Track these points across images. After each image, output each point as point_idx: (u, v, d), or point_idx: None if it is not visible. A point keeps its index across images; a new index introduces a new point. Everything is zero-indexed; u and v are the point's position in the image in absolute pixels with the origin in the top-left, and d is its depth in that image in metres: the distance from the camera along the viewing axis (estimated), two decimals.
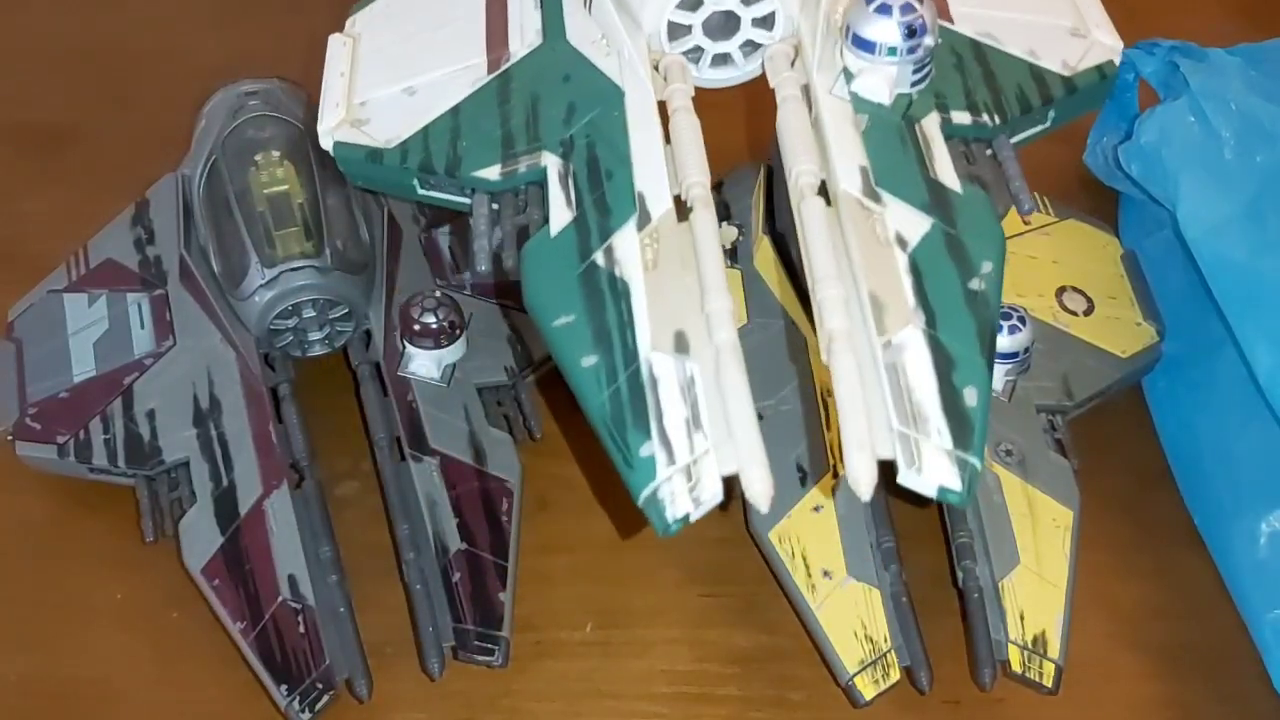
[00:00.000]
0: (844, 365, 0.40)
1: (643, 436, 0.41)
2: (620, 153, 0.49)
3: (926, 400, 0.40)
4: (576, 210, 0.48)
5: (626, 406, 0.42)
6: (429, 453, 0.60)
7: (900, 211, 0.46)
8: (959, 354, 0.42)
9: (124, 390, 0.63)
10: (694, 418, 0.41)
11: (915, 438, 0.40)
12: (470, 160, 0.52)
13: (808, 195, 0.46)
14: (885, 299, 0.43)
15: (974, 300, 0.43)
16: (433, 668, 0.54)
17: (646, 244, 0.46)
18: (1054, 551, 0.56)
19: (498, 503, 0.59)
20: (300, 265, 0.61)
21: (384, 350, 0.63)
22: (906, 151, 0.49)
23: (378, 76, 0.56)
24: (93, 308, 0.66)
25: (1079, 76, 0.54)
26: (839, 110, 0.49)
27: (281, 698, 0.53)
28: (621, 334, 0.43)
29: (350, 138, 0.53)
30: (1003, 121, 0.52)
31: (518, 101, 0.53)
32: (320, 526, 0.57)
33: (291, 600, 0.55)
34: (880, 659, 0.53)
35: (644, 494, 0.40)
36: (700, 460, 0.40)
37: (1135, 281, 0.67)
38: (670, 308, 0.43)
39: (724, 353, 0.41)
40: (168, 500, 0.60)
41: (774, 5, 0.52)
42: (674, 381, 0.42)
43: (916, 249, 0.45)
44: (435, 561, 0.56)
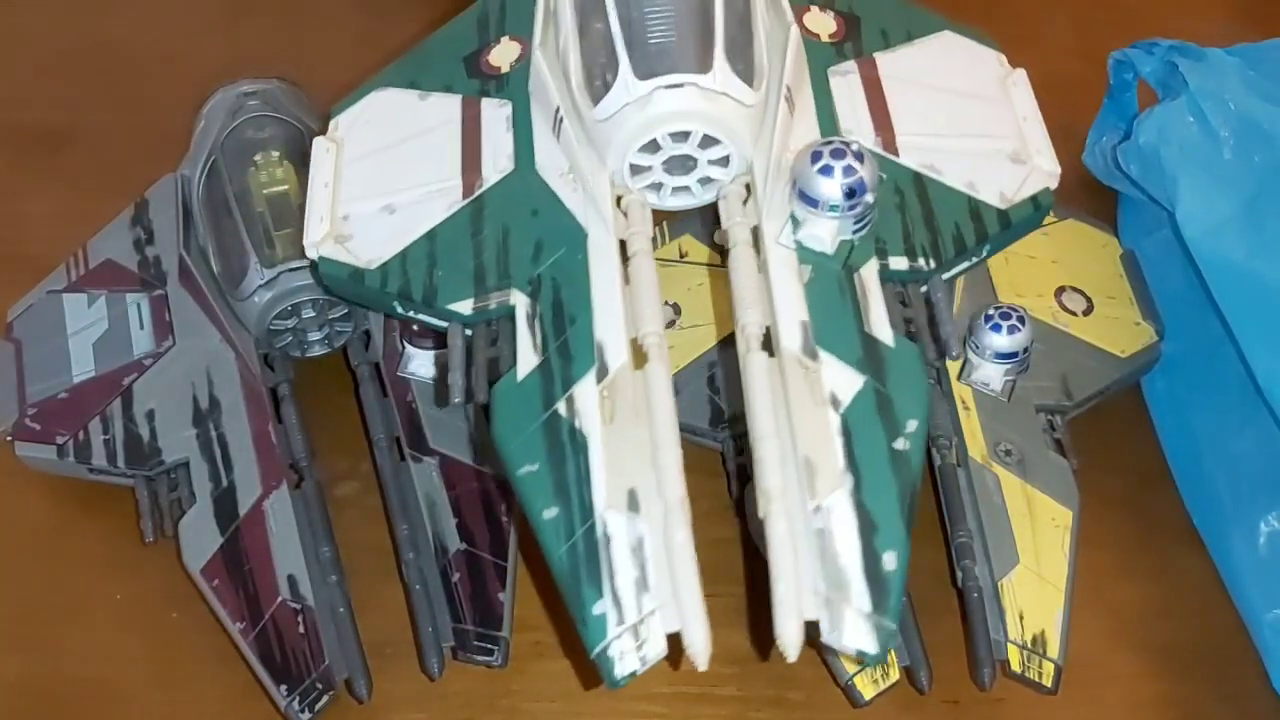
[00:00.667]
0: (777, 530, 0.43)
1: (595, 595, 0.44)
2: (583, 297, 0.52)
3: (849, 565, 0.44)
4: (542, 355, 0.51)
5: (582, 563, 0.45)
6: (428, 453, 0.60)
7: (835, 369, 0.48)
8: (880, 518, 0.45)
9: (123, 390, 0.62)
10: (643, 578, 0.44)
11: (838, 602, 0.43)
12: (445, 292, 0.54)
13: (753, 347, 0.49)
14: (818, 462, 0.46)
15: (898, 461, 0.46)
16: (432, 668, 0.54)
17: (604, 396, 0.48)
18: (1053, 551, 0.56)
19: (497, 503, 0.59)
20: (300, 266, 0.61)
21: (383, 350, 0.63)
22: (845, 304, 0.51)
23: (359, 189, 0.58)
24: (92, 308, 0.66)
25: (1014, 210, 0.55)
26: (785, 260, 0.52)
27: (281, 698, 0.53)
28: (579, 489, 0.46)
29: (334, 254, 0.55)
30: (938, 265, 0.54)
31: (489, 233, 0.55)
32: (320, 527, 0.57)
33: (291, 600, 0.55)
34: None
35: (596, 650, 0.44)
36: (647, 620, 0.43)
37: (1134, 281, 0.67)
38: (624, 463, 0.46)
39: (673, 511, 0.44)
40: (167, 500, 0.60)
41: (728, 150, 0.54)
42: (625, 541, 0.45)
43: (849, 409, 0.47)
44: (435, 561, 0.56)
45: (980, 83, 0.60)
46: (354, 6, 0.90)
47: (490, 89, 0.60)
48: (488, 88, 0.60)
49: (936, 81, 0.60)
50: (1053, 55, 0.63)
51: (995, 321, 0.60)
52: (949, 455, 0.58)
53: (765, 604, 0.56)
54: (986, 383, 0.61)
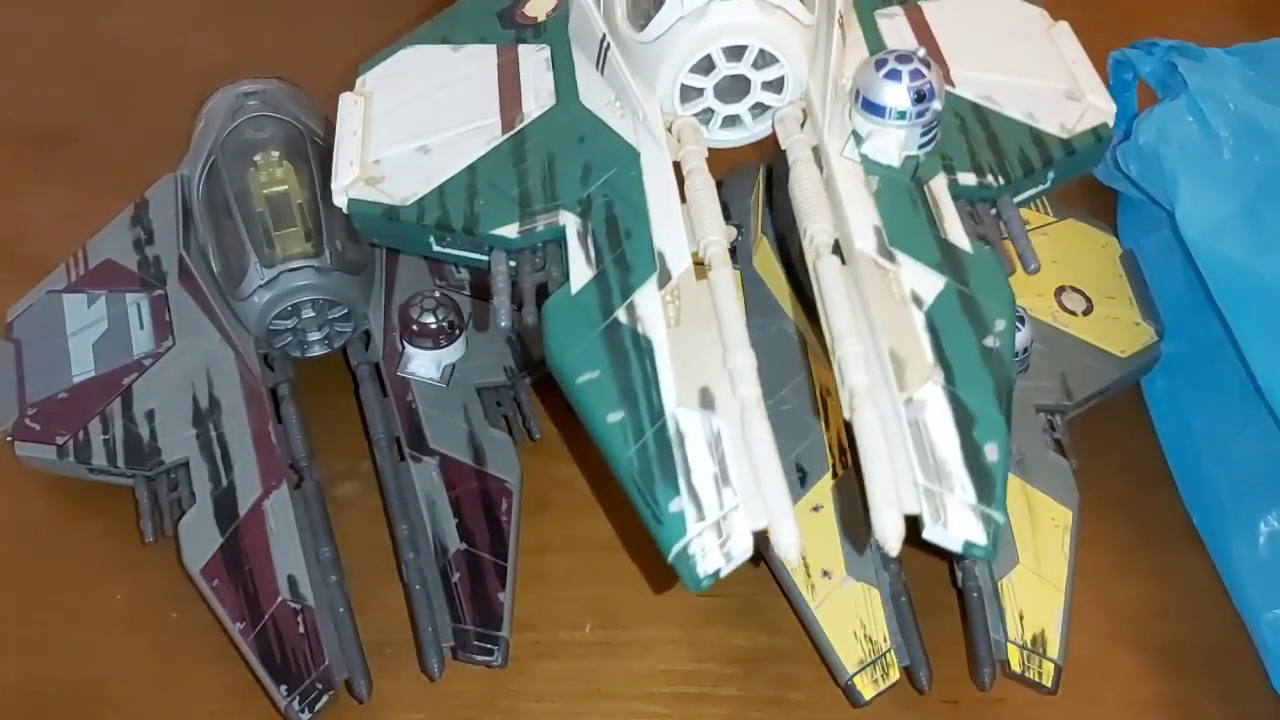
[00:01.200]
0: (867, 422, 0.41)
1: (672, 492, 0.41)
2: (639, 211, 0.50)
3: (949, 456, 0.41)
4: (597, 268, 0.49)
5: (654, 462, 0.42)
6: (428, 453, 0.60)
7: (914, 271, 0.47)
8: (978, 410, 0.43)
9: (123, 390, 0.62)
10: (722, 473, 0.41)
11: (940, 493, 0.41)
12: (488, 218, 0.52)
13: (824, 254, 0.47)
14: (905, 356, 0.43)
15: (990, 358, 0.44)
16: (432, 668, 0.54)
17: (668, 301, 0.46)
18: (1053, 551, 0.56)
19: (497, 503, 0.58)
20: (299, 265, 0.61)
21: (383, 350, 0.63)
22: (917, 212, 0.50)
23: (391, 135, 0.56)
24: (92, 308, 0.66)
25: (1076, 139, 0.55)
26: (851, 172, 0.50)
27: (281, 698, 0.53)
28: (646, 390, 0.44)
29: (365, 195, 0.54)
30: (1007, 182, 0.53)
31: (534, 161, 0.54)
32: (320, 527, 0.57)
33: (291, 600, 0.55)
34: (880, 659, 0.53)
35: (674, 550, 0.41)
36: (730, 515, 0.40)
37: (1134, 281, 0.67)
38: (694, 364, 0.44)
39: (749, 408, 0.42)
40: (167, 500, 0.60)
41: (783, 70, 0.52)
42: (701, 437, 0.42)
43: (932, 307, 0.46)
44: (435, 562, 0.56)
45: (1026, 30, 0.59)
46: (354, 6, 0.90)
47: (527, 36, 0.59)
48: (524, 35, 0.59)
49: (984, 26, 0.59)
50: None
51: None
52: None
53: (783, 597, 0.56)
54: None
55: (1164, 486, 0.63)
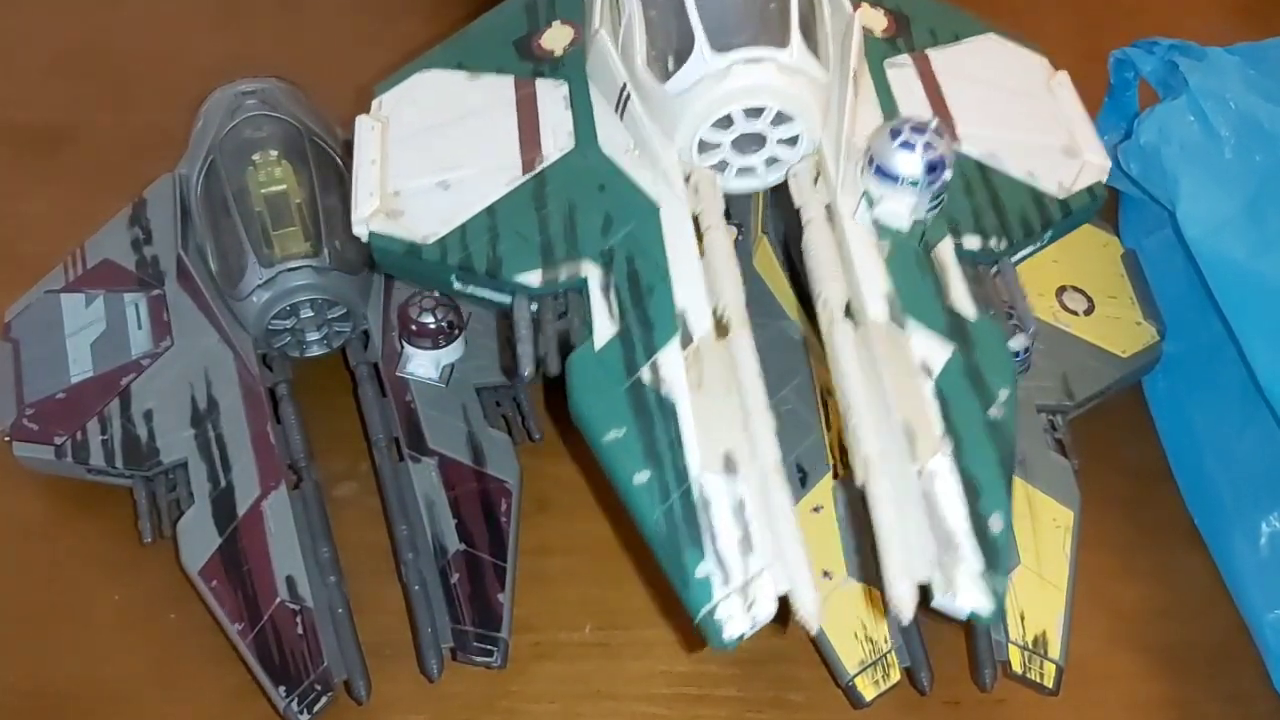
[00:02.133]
0: (882, 492, 0.43)
1: (698, 556, 0.43)
2: (660, 269, 0.51)
3: (958, 528, 0.43)
4: (620, 324, 0.50)
5: (681, 526, 0.44)
6: (427, 453, 0.60)
7: (924, 339, 0.48)
8: (983, 482, 0.44)
9: (121, 391, 0.62)
10: (746, 539, 0.43)
11: (950, 564, 0.42)
12: (511, 263, 0.53)
13: (838, 319, 0.48)
14: (916, 427, 0.45)
15: (993, 429, 0.46)
16: (431, 669, 0.54)
17: (690, 363, 0.47)
18: (1054, 552, 0.55)
19: (496, 503, 0.58)
20: (298, 265, 0.61)
21: (382, 350, 0.63)
22: (925, 279, 0.51)
23: (410, 166, 0.56)
24: (90, 308, 0.66)
25: (1072, 199, 0.56)
26: (863, 236, 0.51)
27: (280, 699, 0.53)
28: (672, 452, 0.45)
29: (387, 229, 0.54)
30: (1009, 245, 0.54)
31: (554, 208, 0.54)
32: (318, 527, 0.57)
33: (289, 601, 0.54)
34: (880, 659, 0.53)
35: (702, 613, 0.42)
36: (754, 581, 0.42)
37: (1135, 281, 0.67)
38: (716, 428, 0.45)
39: (770, 474, 0.43)
40: (165, 501, 0.60)
41: (799, 128, 0.53)
42: (725, 503, 0.44)
43: (941, 376, 0.47)
44: (434, 562, 0.56)
45: (1028, 82, 0.60)
46: (354, 6, 0.90)
47: (544, 70, 0.59)
48: (541, 69, 0.59)
49: (988, 78, 0.60)
50: (1054, 54, 0.63)
51: None
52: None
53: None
54: None
55: (1165, 486, 0.62)
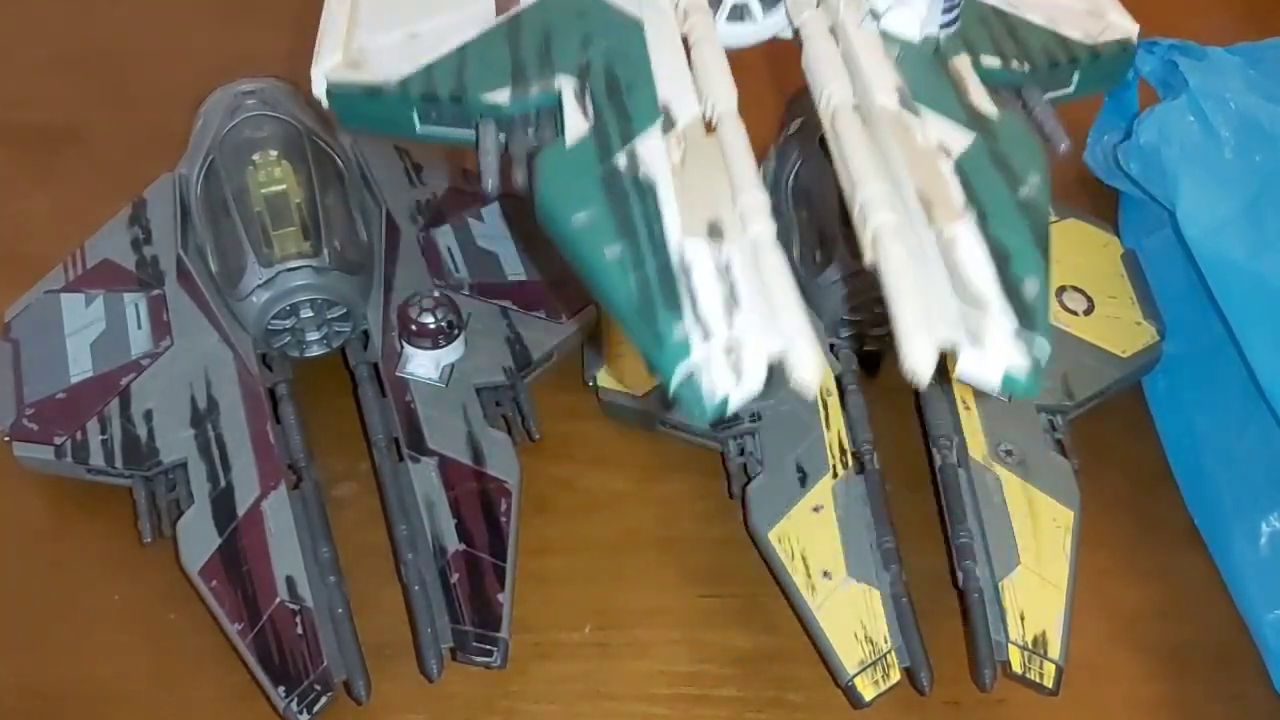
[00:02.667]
0: (894, 251, 0.37)
1: (674, 317, 0.37)
2: (641, 69, 0.47)
3: (986, 287, 0.37)
4: (594, 120, 0.45)
5: (656, 291, 0.38)
6: (427, 453, 0.59)
7: (941, 124, 0.44)
8: (1015, 247, 0.39)
9: (121, 391, 0.62)
10: (733, 297, 0.37)
11: (978, 317, 0.37)
12: (477, 84, 0.49)
13: (841, 111, 0.43)
14: (933, 197, 0.40)
15: (1026, 206, 0.41)
16: (431, 669, 0.53)
17: (673, 145, 0.43)
18: (1054, 552, 0.55)
19: (496, 503, 0.58)
20: (298, 265, 0.60)
21: (382, 350, 0.63)
22: (941, 80, 0.47)
23: (379, 22, 0.53)
24: (90, 308, 0.65)
25: (1101, 46, 0.54)
26: (869, 40, 0.47)
27: (280, 699, 0.52)
28: (648, 225, 0.40)
29: (346, 77, 0.51)
30: (1032, 69, 0.51)
31: (529, 36, 0.51)
32: (318, 527, 0.57)
33: (289, 601, 0.54)
34: (880, 660, 0.53)
35: (678, 375, 0.37)
36: (743, 336, 0.36)
37: (1135, 281, 0.67)
38: (701, 200, 0.40)
39: (762, 243, 0.38)
40: (165, 501, 0.60)
41: None
42: (709, 266, 0.38)
43: (962, 158, 0.42)
44: (434, 562, 0.56)
45: None
46: None
47: None
48: None
49: None
50: None
51: None
52: (950, 455, 0.57)
53: (783, 598, 0.56)
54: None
55: (1165, 486, 0.62)
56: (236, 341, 0.62)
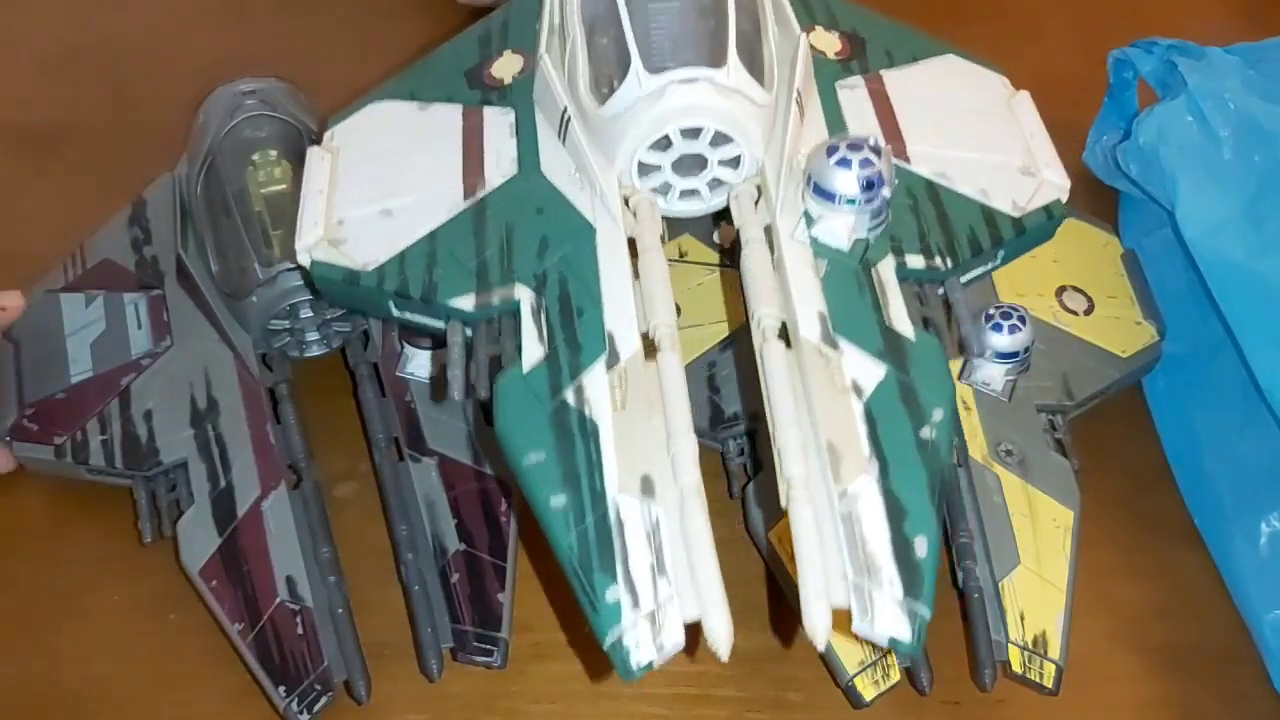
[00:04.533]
0: (802, 516, 0.41)
1: (608, 580, 0.42)
2: (591, 291, 0.50)
3: (879, 551, 0.42)
4: (549, 347, 0.49)
5: (593, 549, 0.43)
6: (427, 453, 0.59)
7: (857, 358, 0.47)
8: (910, 503, 0.43)
9: (121, 391, 0.62)
10: (659, 563, 0.42)
11: (869, 588, 0.41)
12: (445, 288, 0.52)
13: (769, 339, 0.47)
14: (841, 448, 0.44)
15: (925, 449, 0.45)
16: (432, 669, 0.53)
17: (615, 384, 0.46)
18: (1054, 552, 0.55)
19: (496, 503, 0.58)
20: (298, 266, 0.60)
21: (382, 350, 0.63)
22: (863, 298, 0.50)
23: (356, 194, 0.56)
24: (90, 308, 0.65)
25: (1027, 218, 0.55)
26: (800, 256, 0.50)
27: (280, 699, 0.52)
28: (590, 476, 0.44)
29: (328, 257, 0.54)
30: (955, 265, 0.53)
31: (493, 232, 0.54)
32: (318, 527, 0.56)
33: (289, 601, 0.54)
34: (880, 660, 0.52)
35: (609, 639, 0.41)
36: (664, 607, 0.41)
37: (1135, 281, 0.66)
38: (637, 450, 0.44)
39: (688, 496, 0.42)
40: (165, 501, 0.59)
41: (740, 149, 0.53)
42: (640, 526, 0.43)
43: (872, 397, 0.46)
44: (434, 562, 0.56)
45: (986, 101, 0.60)
46: (353, 6, 0.90)
47: (493, 99, 0.59)
48: (490, 97, 0.59)
49: (943, 98, 0.59)
50: (1053, 54, 0.63)
51: (996, 321, 0.60)
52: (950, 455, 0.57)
53: (780, 598, 0.56)
54: (987, 383, 0.60)
55: (1165, 486, 0.62)
56: (236, 342, 0.62)
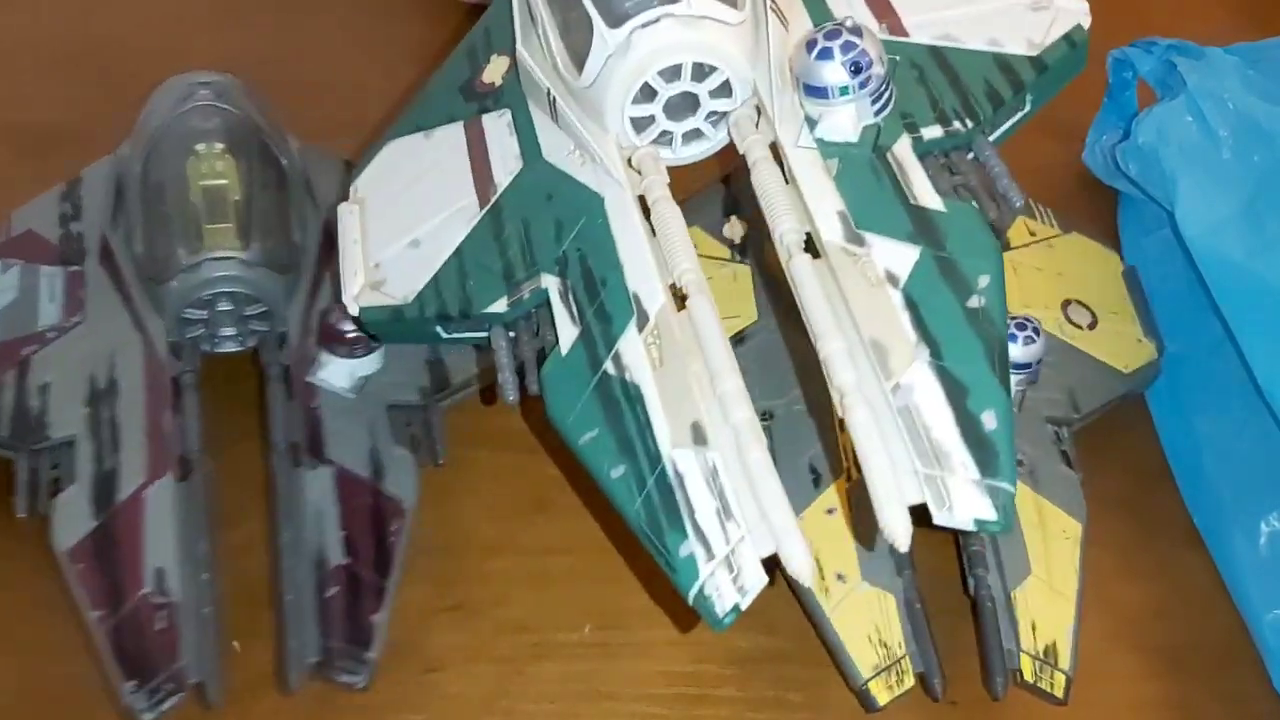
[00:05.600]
0: (860, 419, 0.41)
1: (680, 537, 0.42)
2: (610, 258, 0.50)
3: (945, 436, 0.41)
4: (580, 324, 0.49)
5: (659, 510, 0.42)
6: (324, 461, 0.57)
7: (886, 248, 0.46)
8: (970, 379, 0.42)
9: (20, 361, 0.60)
10: (724, 507, 0.41)
11: (941, 477, 0.40)
12: (479, 299, 0.52)
13: (795, 254, 0.46)
14: (887, 342, 0.43)
15: (976, 319, 0.43)
16: (291, 681, 0.51)
17: (650, 343, 0.46)
18: (1063, 562, 0.54)
19: (388, 521, 0.56)
20: (224, 256, 0.59)
21: (297, 353, 0.61)
22: (882, 185, 0.48)
23: (384, 235, 0.56)
24: (4, 276, 0.64)
25: (1047, 53, 0.53)
26: (808, 161, 0.50)
27: (126, 693, 0.50)
28: (643, 439, 0.44)
29: (372, 300, 0.54)
30: (976, 123, 0.51)
31: (511, 231, 0.54)
32: (200, 522, 0.54)
33: (156, 594, 0.52)
34: (895, 665, 0.52)
35: (692, 593, 0.41)
36: (737, 549, 0.41)
37: (1136, 298, 0.66)
38: (683, 401, 0.44)
39: (743, 432, 0.42)
40: (46, 478, 0.57)
41: (725, 75, 0.51)
42: (699, 475, 0.42)
43: (909, 282, 0.45)
44: (313, 573, 0.54)
45: None
46: (353, 6, 0.90)
47: (489, 105, 0.59)
48: (486, 104, 0.59)
49: None
50: None
51: (1012, 332, 0.58)
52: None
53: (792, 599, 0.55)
54: None
55: (1165, 486, 0.61)
56: (149, 327, 0.60)
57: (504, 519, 0.60)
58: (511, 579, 0.58)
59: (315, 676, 0.52)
